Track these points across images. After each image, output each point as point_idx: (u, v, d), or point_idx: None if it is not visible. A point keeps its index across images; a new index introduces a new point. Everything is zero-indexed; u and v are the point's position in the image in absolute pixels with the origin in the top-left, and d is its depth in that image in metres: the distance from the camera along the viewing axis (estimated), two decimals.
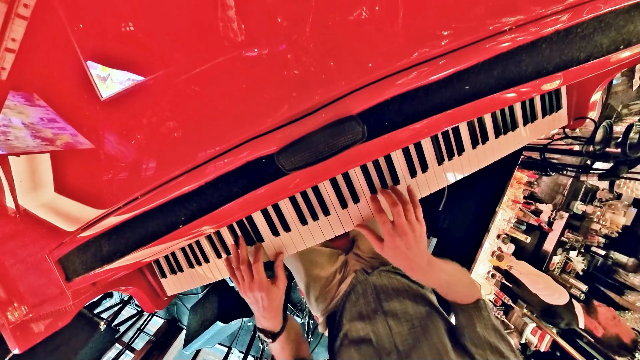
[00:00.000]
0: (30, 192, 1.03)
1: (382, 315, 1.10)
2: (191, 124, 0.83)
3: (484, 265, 3.72)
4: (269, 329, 1.10)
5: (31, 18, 0.70)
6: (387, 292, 1.18)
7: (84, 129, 0.85)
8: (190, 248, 1.29)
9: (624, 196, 3.97)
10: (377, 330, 1.05)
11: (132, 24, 0.70)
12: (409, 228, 0.93)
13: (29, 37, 0.73)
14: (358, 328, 1.09)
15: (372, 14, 0.72)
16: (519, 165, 3.00)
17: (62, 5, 0.69)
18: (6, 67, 0.77)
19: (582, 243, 4.08)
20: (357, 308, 1.18)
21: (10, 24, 0.71)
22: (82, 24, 0.70)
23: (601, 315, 2.97)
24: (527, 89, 0.88)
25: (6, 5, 0.69)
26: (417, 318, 1.05)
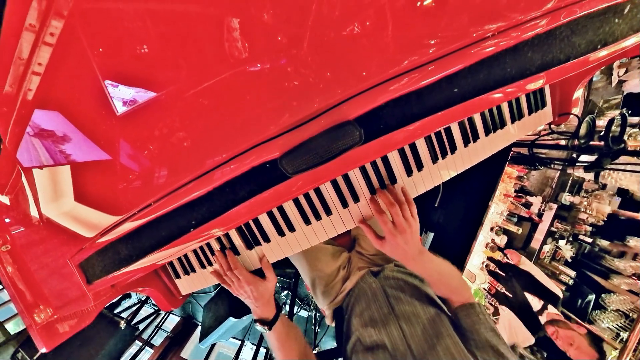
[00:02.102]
0: (52, 201, 1.05)
1: (395, 319, 1.07)
2: (199, 134, 0.84)
3: (478, 256, 3.72)
4: (264, 316, 1.16)
5: (56, 45, 0.73)
6: (397, 295, 1.17)
7: (101, 142, 0.87)
8: (201, 250, 1.29)
9: (609, 186, 3.97)
10: (392, 335, 1.03)
11: (146, 47, 0.72)
12: (407, 225, 0.98)
13: (53, 61, 0.75)
14: (371, 334, 1.07)
15: (363, 29, 0.73)
16: (509, 161, 3.00)
17: (84, 33, 0.71)
18: (32, 89, 0.80)
19: (570, 232, 4.06)
20: (369, 313, 1.16)
21: (37, 51, 0.74)
22: (102, 47, 0.73)
23: (560, 338, 2.94)
24: (513, 89, 0.89)
25: (34, 34, 0.72)
26: (428, 319, 1.03)
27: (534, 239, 3.98)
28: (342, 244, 1.58)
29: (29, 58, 0.76)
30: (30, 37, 0.73)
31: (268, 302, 1.17)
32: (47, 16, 0.69)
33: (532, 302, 3.33)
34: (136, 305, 4.36)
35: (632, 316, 3.34)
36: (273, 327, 1.14)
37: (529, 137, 2.78)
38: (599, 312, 3.59)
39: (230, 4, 0.69)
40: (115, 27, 0.71)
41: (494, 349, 0.90)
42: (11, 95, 0.84)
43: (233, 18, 0.69)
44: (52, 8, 0.68)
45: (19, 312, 1.22)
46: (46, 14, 0.69)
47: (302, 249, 1.14)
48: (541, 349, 3.15)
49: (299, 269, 1.54)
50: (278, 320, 1.16)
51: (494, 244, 3.70)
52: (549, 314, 3.18)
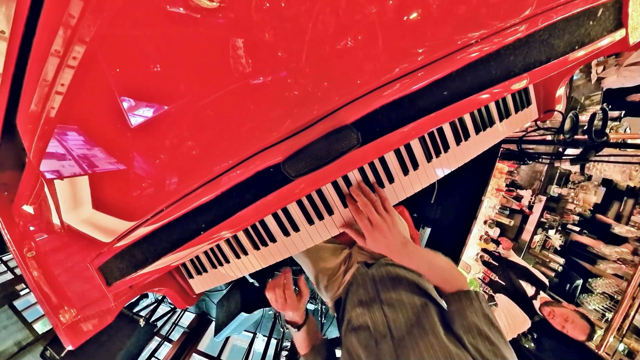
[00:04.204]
0: (72, 210, 1.06)
1: (379, 303, 1.07)
2: (207, 143, 0.85)
3: (473, 248, 3.73)
4: (295, 321, 1.20)
5: (78, 67, 0.75)
6: (385, 283, 1.17)
7: (116, 153, 0.88)
8: (212, 251, 1.30)
9: (594, 177, 4.00)
10: (374, 317, 1.03)
11: (158, 66, 0.74)
12: (381, 220, 0.99)
13: (74, 81, 0.77)
14: (358, 314, 1.08)
15: (356, 42, 0.75)
16: (499, 157, 2.99)
17: (103, 56, 0.73)
18: (55, 107, 0.82)
19: (559, 222, 4.08)
20: (358, 296, 1.18)
21: (60, 73, 0.75)
22: (119, 68, 0.75)
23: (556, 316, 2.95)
24: (499, 90, 0.90)
25: (59, 59, 0.74)
26: (412, 306, 1.02)
27: (525, 230, 4.00)
28: (343, 242, 1.59)
29: (53, 80, 0.77)
30: (55, 61, 0.75)
31: (302, 315, 1.22)
32: (71, 43, 0.71)
33: (526, 289, 3.33)
34: (153, 304, 4.38)
35: (616, 298, 3.39)
36: (301, 329, 1.19)
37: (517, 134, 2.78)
38: (586, 296, 3.63)
39: (235, 26, 0.70)
40: (130, 50, 0.73)
41: (481, 333, 0.84)
42: (36, 114, 0.86)
43: (237, 38, 0.71)
44: (76, 36, 0.70)
45: (46, 313, 1.24)
46: (70, 41, 0.71)
47: (307, 247, 1.14)
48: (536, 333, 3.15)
49: (303, 267, 1.56)
50: (305, 325, 1.21)
51: (487, 236, 3.71)
52: (541, 298, 3.19)
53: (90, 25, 0.68)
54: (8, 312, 3.31)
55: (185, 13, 0.68)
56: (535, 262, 4.05)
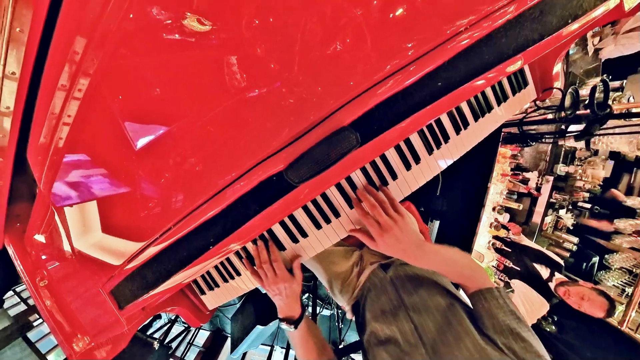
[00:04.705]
0: (82, 235, 1.10)
1: (405, 310, 1.03)
2: (209, 158, 0.87)
3: (484, 236, 3.72)
4: (290, 315, 1.14)
5: (83, 98, 0.79)
6: (406, 286, 1.13)
7: (122, 175, 0.92)
8: (222, 265, 1.31)
9: (600, 151, 3.96)
10: (402, 327, 0.99)
11: (158, 89, 0.78)
12: (392, 222, 0.97)
13: (80, 112, 0.82)
14: (383, 327, 1.03)
15: (345, 45, 0.77)
16: (501, 142, 3.00)
17: (106, 85, 0.78)
18: (63, 137, 0.87)
19: (569, 201, 4.05)
20: (380, 306, 1.13)
21: (67, 105, 0.80)
22: (121, 95, 0.79)
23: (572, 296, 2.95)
24: (494, 74, 0.91)
25: (65, 92, 0.78)
26: (438, 309, 0.99)
27: (535, 213, 3.97)
28: (353, 244, 1.59)
29: (60, 112, 0.82)
30: (61, 95, 0.79)
31: (296, 301, 1.16)
32: (76, 76, 0.76)
33: (541, 272, 3.31)
34: (167, 324, 4.38)
35: (635, 271, 3.37)
36: (298, 326, 1.13)
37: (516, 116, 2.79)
38: (604, 272, 3.60)
39: (227, 45, 0.74)
40: (131, 77, 0.77)
41: (513, 333, 0.83)
42: (45, 145, 0.90)
43: (231, 56, 0.74)
44: (81, 69, 0.75)
45: (59, 343, 1.26)
46: (75, 75, 0.75)
47: (317, 252, 1.15)
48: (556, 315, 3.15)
49: (315, 273, 1.54)
50: (303, 319, 1.15)
51: (497, 222, 3.69)
52: (557, 279, 3.18)
53: (93, 58, 0.73)
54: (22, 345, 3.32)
55: (181, 39, 0.72)
56: (549, 243, 4.03)
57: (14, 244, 1.31)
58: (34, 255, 1.30)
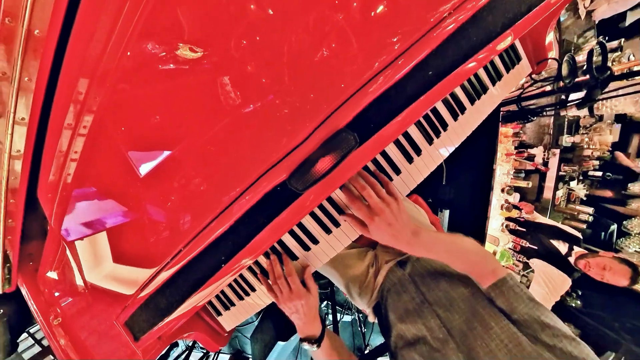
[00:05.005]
0: (94, 267, 1.13)
1: (429, 306, 1.03)
2: (212, 176, 0.91)
3: (496, 220, 3.74)
4: (311, 334, 1.12)
5: (88, 134, 0.85)
6: (426, 281, 1.13)
7: (130, 204, 0.96)
8: (236, 282, 1.31)
9: (605, 116, 3.96)
10: (429, 324, 0.99)
11: (158, 116, 0.83)
12: (384, 205, 0.93)
13: (86, 147, 0.87)
14: (409, 327, 1.03)
15: (331, 50, 0.81)
16: (501, 121, 3.01)
17: (109, 119, 0.83)
18: (71, 173, 0.92)
19: (578, 172, 4.06)
20: (402, 305, 1.12)
21: (73, 142, 0.85)
22: (124, 127, 0.84)
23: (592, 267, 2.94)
24: (484, 55, 0.93)
25: (71, 130, 0.84)
26: (462, 299, 0.99)
27: (546, 188, 3.97)
28: (365, 244, 1.59)
29: (67, 149, 0.88)
30: (68, 133, 0.85)
31: (315, 317, 1.13)
32: (81, 114, 0.81)
33: (559, 247, 3.31)
34: (185, 352, 4.37)
35: None
36: (321, 344, 1.11)
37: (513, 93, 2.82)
38: (624, 239, 3.61)
39: (219, 67, 0.78)
40: (132, 109, 0.83)
41: (538, 322, 0.83)
42: (54, 183, 0.96)
43: (223, 76, 0.79)
44: (85, 107, 0.80)
45: None
46: (80, 113, 0.81)
47: (330, 257, 1.16)
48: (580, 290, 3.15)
49: (331, 279, 1.55)
50: (324, 336, 1.13)
51: (508, 203, 3.71)
52: (576, 252, 3.18)
53: (96, 96, 0.78)
54: None
55: (176, 67, 0.76)
56: (564, 217, 4.03)
57: (27, 284, 1.34)
58: (47, 294, 1.33)
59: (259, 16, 0.75)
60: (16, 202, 1.07)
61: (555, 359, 0.75)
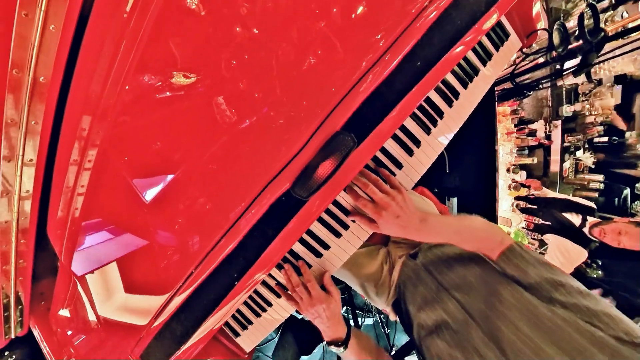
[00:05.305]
0: (106, 300, 1.14)
1: (446, 291, 1.05)
2: (217, 194, 0.95)
3: (505, 201, 3.76)
4: (337, 337, 1.14)
5: (93, 167, 0.88)
6: (439, 268, 1.15)
7: (138, 231, 0.98)
8: (251, 299, 1.32)
9: (604, 79, 3.95)
10: (448, 309, 1.01)
11: (159, 142, 0.87)
12: (389, 199, 0.97)
13: (92, 180, 0.91)
14: (429, 315, 1.05)
15: (317, 57, 0.85)
16: (497, 101, 3.02)
17: (112, 151, 0.87)
18: (78, 207, 0.95)
19: (583, 140, 4.06)
20: (420, 295, 1.15)
21: (80, 176, 0.89)
22: (127, 156, 0.88)
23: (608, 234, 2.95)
24: (471, 37, 0.96)
25: (77, 166, 0.89)
26: (476, 279, 1.01)
27: (552, 162, 3.99)
28: (376, 242, 1.62)
29: (74, 185, 0.92)
30: (74, 169, 0.90)
31: (339, 320, 1.15)
32: (85, 150, 0.86)
33: (573, 220, 3.33)
34: None
35: None
36: (348, 344, 1.12)
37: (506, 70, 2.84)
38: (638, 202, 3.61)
39: (212, 88, 0.83)
40: (134, 138, 0.87)
41: (550, 282, 0.86)
42: (63, 218, 0.99)
43: (218, 97, 0.83)
44: (89, 143, 0.85)
45: None
46: (84, 149, 0.86)
47: (343, 260, 1.18)
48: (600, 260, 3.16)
49: (346, 281, 1.56)
50: (351, 336, 1.15)
51: (515, 182, 3.73)
52: (590, 222, 3.19)
53: (99, 131, 0.83)
54: None
55: (172, 94, 0.81)
56: (574, 189, 4.05)
57: (39, 325, 1.35)
58: (59, 333, 1.34)
59: (245, 36, 0.80)
60: (27, 241, 1.10)
61: (572, 315, 0.77)
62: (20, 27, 0.74)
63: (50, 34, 0.77)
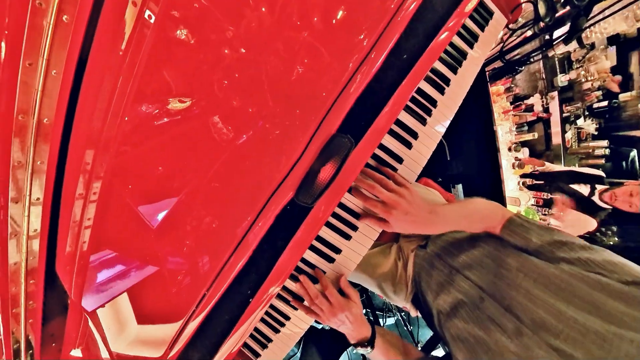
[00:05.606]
0: (119, 334, 1.13)
1: (458, 273, 1.10)
2: (222, 212, 0.97)
3: (511, 180, 3.78)
4: (362, 337, 1.17)
5: (98, 199, 0.91)
6: (449, 252, 1.19)
7: (147, 258, 0.99)
8: (268, 315, 1.31)
9: (597, 43, 3.94)
10: (462, 288, 1.05)
11: (161, 167, 0.90)
12: (396, 197, 1.00)
13: (98, 211, 0.92)
14: (445, 298, 1.09)
15: (305, 65, 0.89)
16: (489, 81, 3.03)
17: (116, 181, 0.90)
18: (86, 240, 0.96)
19: (582, 108, 4.04)
20: (435, 282, 1.19)
21: (86, 209, 0.92)
22: (130, 185, 0.91)
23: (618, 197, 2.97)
24: (454, 21, 1.00)
25: (82, 199, 0.91)
26: (485, 255, 1.06)
27: (553, 134, 4.00)
28: (387, 240, 1.64)
29: (81, 218, 0.94)
30: (80, 203, 0.92)
31: (362, 322, 1.16)
32: (90, 183, 0.89)
33: (581, 190, 3.36)
34: None
35: None
36: (374, 344, 1.14)
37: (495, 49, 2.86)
38: None
39: (208, 109, 0.86)
40: (136, 166, 0.90)
41: (552, 243, 0.92)
42: (71, 253, 1.00)
43: (213, 116, 0.87)
44: (93, 175, 0.88)
45: None
46: (89, 182, 0.89)
47: (357, 262, 1.19)
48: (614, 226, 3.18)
49: (362, 284, 1.58)
50: (376, 335, 1.16)
51: (518, 160, 3.75)
52: (599, 190, 3.21)
53: (102, 163, 0.86)
54: None
55: (169, 120, 0.85)
56: (580, 158, 4.05)
57: None
58: None
59: (233, 57, 0.84)
60: (36, 281, 1.11)
61: (578, 269, 0.82)
62: (25, 76, 0.81)
63: (53, 79, 0.83)
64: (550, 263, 0.88)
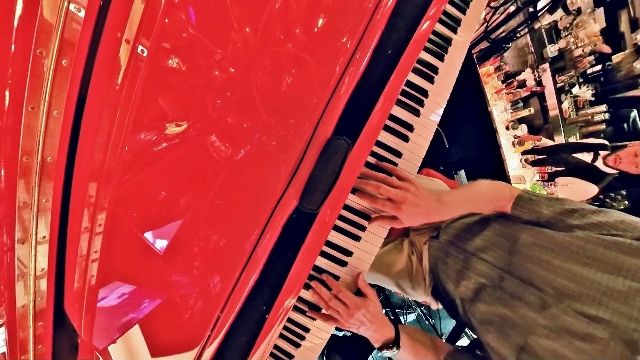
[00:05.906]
0: None
1: (474, 257, 1.12)
2: (228, 229, 1.00)
3: (513, 159, 3.81)
4: (386, 338, 1.15)
5: (104, 231, 0.94)
6: (462, 238, 1.22)
7: (156, 285, 1.02)
8: (286, 329, 1.28)
9: (583, 7, 3.94)
10: (480, 271, 1.07)
11: (163, 192, 0.94)
12: (403, 192, 1.03)
13: (104, 243, 0.95)
14: (466, 284, 1.11)
15: (293, 75, 0.93)
16: (477, 63, 3.05)
17: (121, 211, 0.93)
18: (94, 274, 0.98)
19: (576, 75, 4.07)
20: (452, 270, 1.21)
21: (92, 242, 0.95)
22: (135, 212, 0.94)
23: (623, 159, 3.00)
24: (435, 9, 1.03)
25: (88, 233, 0.94)
26: (498, 234, 1.09)
27: (549, 107, 4.04)
28: (397, 236, 1.67)
29: (88, 252, 0.96)
30: (86, 236, 0.95)
31: (383, 321, 1.16)
32: (95, 215, 0.92)
33: (584, 158, 3.39)
34: None
35: None
36: (400, 343, 1.13)
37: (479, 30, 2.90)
38: None
39: (204, 130, 0.90)
40: (138, 194, 0.94)
41: (563, 212, 0.95)
42: (80, 289, 1.02)
43: (210, 135, 0.91)
44: (97, 207, 0.91)
45: None
46: (94, 214, 0.92)
47: (369, 263, 1.20)
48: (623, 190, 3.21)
49: (379, 283, 1.60)
50: (401, 334, 1.15)
51: (518, 138, 3.78)
52: (602, 156, 3.24)
53: (106, 194, 0.90)
54: None
55: (168, 144, 0.89)
56: (580, 127, 4.09)
57: None
58: None
59: (224, 77, 0.89)
60: (45, 323, 1.11)
61: (592, 233, 0.86)
62: (28, 119, 0.86)
63: (54, 119, 0.87)
64: (564, 232, 0.91)
